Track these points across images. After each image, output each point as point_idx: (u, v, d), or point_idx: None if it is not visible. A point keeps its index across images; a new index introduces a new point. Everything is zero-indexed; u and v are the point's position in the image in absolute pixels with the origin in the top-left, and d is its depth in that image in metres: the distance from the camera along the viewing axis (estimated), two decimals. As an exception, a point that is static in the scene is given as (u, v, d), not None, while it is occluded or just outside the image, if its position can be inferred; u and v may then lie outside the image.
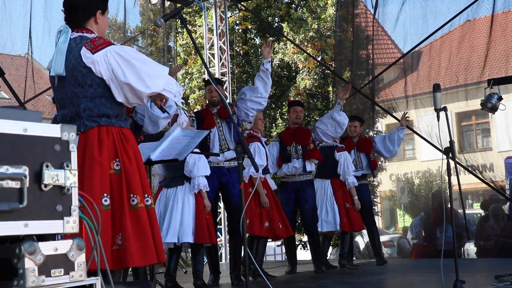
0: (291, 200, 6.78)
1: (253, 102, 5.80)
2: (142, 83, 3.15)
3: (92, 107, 3.19)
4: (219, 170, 5.79)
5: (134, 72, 3.15)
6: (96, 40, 3.22)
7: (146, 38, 12.84)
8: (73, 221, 1.88)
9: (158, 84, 3.21)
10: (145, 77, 3.16)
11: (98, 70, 3.15)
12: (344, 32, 11.21)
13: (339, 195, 7.08)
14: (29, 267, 1.73)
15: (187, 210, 5.34)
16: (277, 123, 14.17)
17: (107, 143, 3.16)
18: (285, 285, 5.93)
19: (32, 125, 1.83)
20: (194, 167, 5.31)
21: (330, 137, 7.02)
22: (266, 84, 5.78)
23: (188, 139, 4.25)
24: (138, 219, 3.14)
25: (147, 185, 3.27)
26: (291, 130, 6.92)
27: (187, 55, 14.91)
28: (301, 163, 6.73)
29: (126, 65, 3.15)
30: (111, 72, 3.15)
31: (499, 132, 11.70)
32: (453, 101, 10.57)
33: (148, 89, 3.17)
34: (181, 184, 5.41)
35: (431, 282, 5.15)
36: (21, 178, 1.76)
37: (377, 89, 11.19)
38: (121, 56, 3.16)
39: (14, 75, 11.51)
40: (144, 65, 3.19)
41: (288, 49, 14.28)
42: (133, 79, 3.14)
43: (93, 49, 3.17)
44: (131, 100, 3.22)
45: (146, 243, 3.12)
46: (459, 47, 10.30)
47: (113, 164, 3.16)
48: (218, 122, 5.82)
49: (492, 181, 9.04)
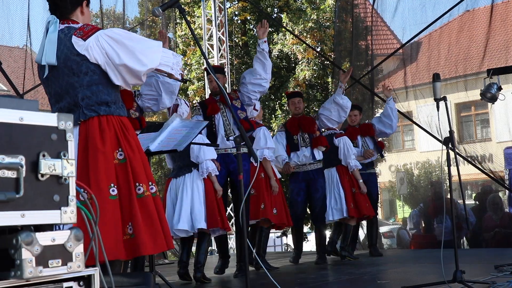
0: (301, 190, 6.75)
1: (254, 84, 5.76)
2: (137, 61, 3.14)
3: (90, 95, 3.18)
4: (227, 157, 5.75)
5: (128, 52, 3.13)
6: (85, 27, 3.20)
7: (145, 29, 12.77)
8: (71, 211, 1.86)
9: (154, 60, 3.19)
10: (139, 55, 3.14)
11: (92, 55, 3.13)
12: (343, 23, 11.17)
13: (345, 181, 7.05)
14: (26, 258, 1.71)
15: (197, 197, 5.30)
16: (276, 114, 14.14)
17: (108, 133, 3.15)
18: (285, 275, 5.92)
19: (28, 114, 1.80)
20: (200, 152, 5.27)
21: (334, 122, 7.00)
22: (264, 65, 5.73)
23: (187, 129, 4.22)
24: (146, 208, 3.13)
25: (150, 173, 3.27)
26: (296, 119, 6.88)
27: (186, 46, 14.86)
28: (309, 151, 6.71)
29: (119, 46, 3.13)
30: (105, 56, 3.14)
31: (498, 122, 11.69)
32: (453, 91, 10.54)
33: (144, 67, 3.16)
34: (189, 172, 5.37)
35: (431, 272, 5.15)
36: (18, 167, 1.73)
37: (376, 79, 11.18)
38: (112, 38, 3.14)
39: (12, 67, 11.47)
40: (137, 43, 3.17)
41: (287, 40, 14.23)
42: (128, 59, 3.12)
43: (83, 35, 3.15)
44: (130, 81, 3.21)
45: (156, 231, 3.12)
46: (459, 37, 10.26)
47: (117, 154, 3.15)
48: (221, 108, 5.78)
49: (491, 172, 9.03)
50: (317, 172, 6.76)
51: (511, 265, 5.00)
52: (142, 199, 3.14)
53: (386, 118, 7.67)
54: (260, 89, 5.85)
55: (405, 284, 4.20)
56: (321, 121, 6.98)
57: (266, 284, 4.52)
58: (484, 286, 4.03)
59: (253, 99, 5.87)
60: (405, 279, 4.78)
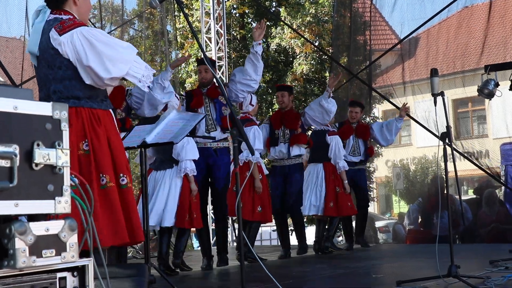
0: (279, 184, 6.81)
1: (243, 84, 5.76)
2: (102, 67, 3.10)
3: (62, 89, 3.18)
4: (206, 151, 5.78)
5: (97, 55, 3.10)
6: (66, 21, 3.17)
7: (144, 21, 12.74)
8: (65, 201, 1.85)
9: (121, 68, 3.14)
10: (107, 61, 3.10)
11: (64, 51, 3.13)
12: (341, 17, 11.15)
13: (330, 179, 7.08)
14: (20, 248, 1.70)
15: (172, 194, 5.38)
16: (273, 108, 14.13)
17: (75, 124, 3.13)
18: (280, 269, 5.93)
19: (22, 102, 1.79)
20: (182, 151, 5.32)
21: (318, 123, 7.03)
22: (256, 67, 5.72)
23: (184, 122, 4.21)
24: (107, 199, 3.13)
25: (122, 165, 3.25)
26: (281, 113, 6.90)
27: (183, 39, 14.82)
28: (286, 147, 6.73)
29: (89, 48, 3.10)
30: (76, 54, 3.13)
31: (495, 119, 11.70)
32: (450, 87, 10.54)
33: (108, 74, 3.12)
34: (170, 167, 5.44)
35: (426, 267, 5.15)
36: (11, 156, 1.72)
37: (374, 75, 11.17)
38: (86, 38, 3.12)
39: (9, 58, 11.43)
40: (109, 48, 3.13)
41: (285, 34, 14.20)
42: (94, 63, 3.10)
43: (61, 30, 3.14)
44: (98, 82, 3.18)
45: (117, 223, 3.12)
46: (457, 33, 10.25)
47: (82, 145, 3.16)
48: (206, 102, 5.80)
49: (488, 168, 9.04)
50: (294, 167, 6.79)
51: (506, 261, 5.01)
52: (104, 190, 3.14)
53: (387, 132, 7.68)
54: (249, 89, 5.84)
55: (400, 278, 4.20)
56: (306, 119, 6.98)
57: (261, 277, 4.52)
58: (479, 281, 4.04)
59: (240, 97, 5.89)
60: (400, 274, 4.79)
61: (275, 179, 6.84)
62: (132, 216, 3.20)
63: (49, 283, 1.79)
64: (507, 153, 9.19)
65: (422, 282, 4.10)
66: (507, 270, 4.67)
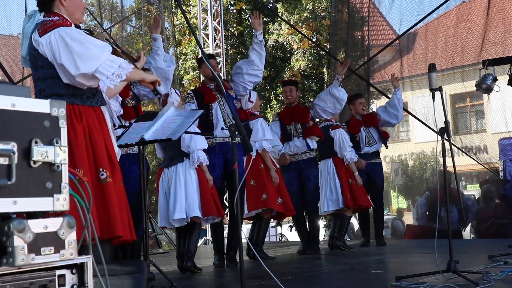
0: (294, 179, 6.73)
1: (251, 75, 5.77)
2: (72, 64, 3.15)
3: (45, 88, 3.25)
4: (225, 145, 5.72)
5: (68, 53, 3.16)
6: (47, 23, 3.24)
7: (142, 18, 12.70)
8: (63, 199, 1.84)
9: (89, 65, 3.16)
10: (76, 58, 3.14)
11: (43, 51, 3.20)
12: (339, 13, 11.15)
13: (341, 172, 7.03)
14: (18, 245, 1.70)
15: (190, 185, 5.26)
16: (271, 105, 14.12)
17: None
18: (279, 265, 5.93)
19: (20, 100, 1.78)
20: (191, 142, 5.25)
21: (329, 114, 6.98)
22: (261, 56, 5.77)
23: (182, 118, 4.20)
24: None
25: (103, 159, 3.26)
26: (289, 109, 6.87)
27: (181, 36, 14.80)
28: (302, 141, 6.70)
29: (63, 46, 3.16)
30: (52, 54, 3.19)
31: (494, 113, 11.70)
32: (450, 82, 10.54)
33: (77, 70, 3.15)
34: (180, 162, 5.34)
35: (425, 262, 5.16)
36: (10, 154, 1.72)
37: (372, 70, 11.17)
38: (62, 37, 3.17)
39: (6, 56, 11.39)
40: (79, 46, 3.17)
41: (282, 30, 14.18)
42: (65, 60, 3.15)
43: (42, 32, 3.21)
44: (72, 80, 3.21)
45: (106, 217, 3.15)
46: (456, 29, 10.25)
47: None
48: (218, 97, 5.74)
49: (486, 163, 9.04)
50: (309, 161, 6.75)
51: (505, 255, 5.02)
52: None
53: (392, 109, 7.65)
54: (256, 80, 5.89)
55: (399, 274, 4.21)
56: (316, 111, 6.95)
57: (261, 274, 4.52)
58: (478, 276, 4.04)
59: (248, 89, 5.91)
60: (399, 269, 4.80)
61: (290, 175, 6.73)
62: (110, 210, 3.19)
63: (48, 280, 1.78)
64: (506, 148, 9.20)
65: (421, 277, 4.10)
66: (506, 265, 4.67)
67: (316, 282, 4.68)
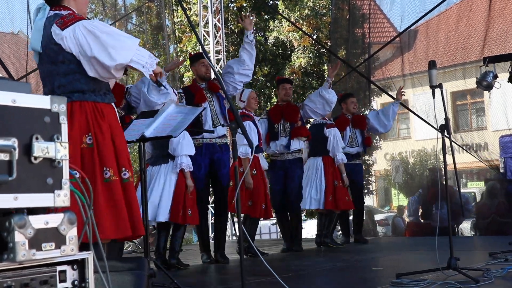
0: (279, 178, 6.78)
1: (241, 75, 5.78)
2: (107, 55, 3.15)
3: (65, 84, 3.22)
4: (212, 146, 5.76)
5: (100, 45, 3.15)
6: (67, 16, 3.22)
7: (145, 15, 12.69)
8: (64, 195, 1.84)
9: (125, 56, 3.19)
10: (111, 49, 3.15)
11: (67, 46, 3.17)
12: (339, 10, 11.14)
13: (329, 172, 7.07)
14: (19, 241, 1.70)
15: (167, 189, 5.34)
16: (272, 102, 14.10)
17: (78, 117, 3.18)
18: (279, 262, 5.94)
19: (21, 96, 1.78)
20: (178, 146, 5.29)
21: (318, 115, 7.02)
22: (252, 56, 5.79)
23: (182, 115, 4.19)
24: (111, 192, 3.16)
25: (125, 159, 3.27)
26: (280, 107, 6.90)
27: (181, 33, 14.79)
28: (287, 141, 6.72)
29: (92, 39, 3.15)
30: (79, 47, 3.17)
31: (494, 111, 11.68)
32: (451, 79, 10.52)
33: (113, 61, 3.16)
34: (165, 163, 5.40)
35: (426, 259, 5.16)
36: (10, 150, 1.72)
37: (373, 67, 11.16)
38: (88, 30, 3.16)
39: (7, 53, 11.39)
40: (111, 38, 3.17)
41: (283, 27, 14.17)
42: (98, 53, 3.14)
43: (62, 25, 3.18)
44: (102, 74, 3.22)
45: (119, 216, 3.14)
46: (457, 26, 10.24)
47: (86, 139, 3.18)
48: (208, 96, 5.78)
49: (487, 160, 9.04)
50: (294, 161, 6.78)
51: (505, 253, 5.02)
52: (108, 184, 3.17)
53: (384, 117, 7.66)
54: (246, 79, 5.91)
55: (399, 271, 4.21)
56: (306, 111, 6.98)
57: (261, 271, 4.53)
58: (478, 273, 4.04)
59: (238, 88, 5.93)
60: (399, 266, 4.80)
61: (275, 174, 6.81)
62: (133, 210, 3.22)
63: (49, 276, 1.78)
64: (506, 145, 9.19)
65: (422, 274, 4.10)
66: (506, 262, 4.68)
67: (316, 279, 4.69)
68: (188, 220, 5.44)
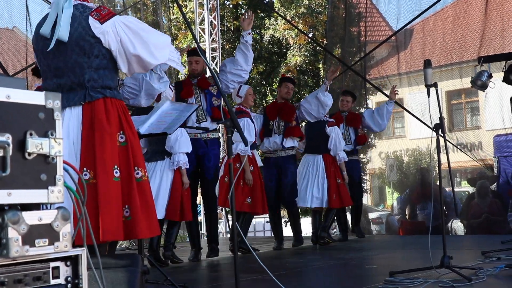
0: (273, 175, 6.81)
1: (233, 74, 5.79)
2: (150, 54, 3.17)
3: (97, 78, 3.16)
4: (197, 142, 5.79)
5: (143, 43, 3.15)
6: (101, 9, 3.17)
7: (141, 12, 12.65)
8: (58, 191, 1.84)
9: (165, 55, 3.23)
10: (153, 48, 3.17)
11: (107, 40, 3.12)
12: (335, 9, 11.15)
13: (331, 171, 7.07)
14: (13, 237, 1.70)
15: (164, 186, 5.36)
16: (267, 100, 14.11)
17: (113, 115, 3.16)
18: (274, 260, 5.94)
19: (15, 91, 1.77)
20: (176, 143, 5.30)
21: (313, 117, 7.03)
22: (246, 57, 5.77)
23: (177, 112, 4.19)
24: (143, 192, 3.16)
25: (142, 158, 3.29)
26: (277, 104, 6.92)
27: (177, 30, 14.77)
28: (280, 139, 6.74)
29: (134, 36, 3.14)
30: (119, 43, 3.13)
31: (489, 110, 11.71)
32: (447, 79, 10.54)
33: (156, 60, 3.20)
34: (161, 159, 5.41)
35: (419, 258, 5.18)
36: (4, 146, 1.71)
37: (368, 66, 11.17)
38: (129, 27, 3.14)
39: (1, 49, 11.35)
40: (151, 36, 3.20)
41: (279, 25, 14.17)
42: (142, 51, 3.14)
43: (100, 19, 3.12)
44: (136, 70, 3.24)
45: (151, 216, 3.16)
46: (453, 25, 10.26)
47: (118, 137, 3.16)
48: (196, 92, 5.82)
49: (481, 159, 9.07)
50: (288, 159, 6.81)
51: (498, 251, 5.04)
52: (140, 183, 3.16)
53: (378, 117, 7.69)
54: (240, 80, 5.90)
55: (393, 269, 4.22)
56: (301, 112, 7.00)
57: (255, 268, 4.53)
58: (471, 272, 4.06)
59: (231, 87, 5.93)
60: (393, 265, 4.81)
61: (269, 171, 6.83)
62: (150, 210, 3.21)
63: (42, 272, 1.78)
64: (501, 145, 9.23)
65: (415, 272, 4.11)
66: (499, 261, 4.70)
67: (310, 277, 4.70)
68: (185, 217, 5.47)
